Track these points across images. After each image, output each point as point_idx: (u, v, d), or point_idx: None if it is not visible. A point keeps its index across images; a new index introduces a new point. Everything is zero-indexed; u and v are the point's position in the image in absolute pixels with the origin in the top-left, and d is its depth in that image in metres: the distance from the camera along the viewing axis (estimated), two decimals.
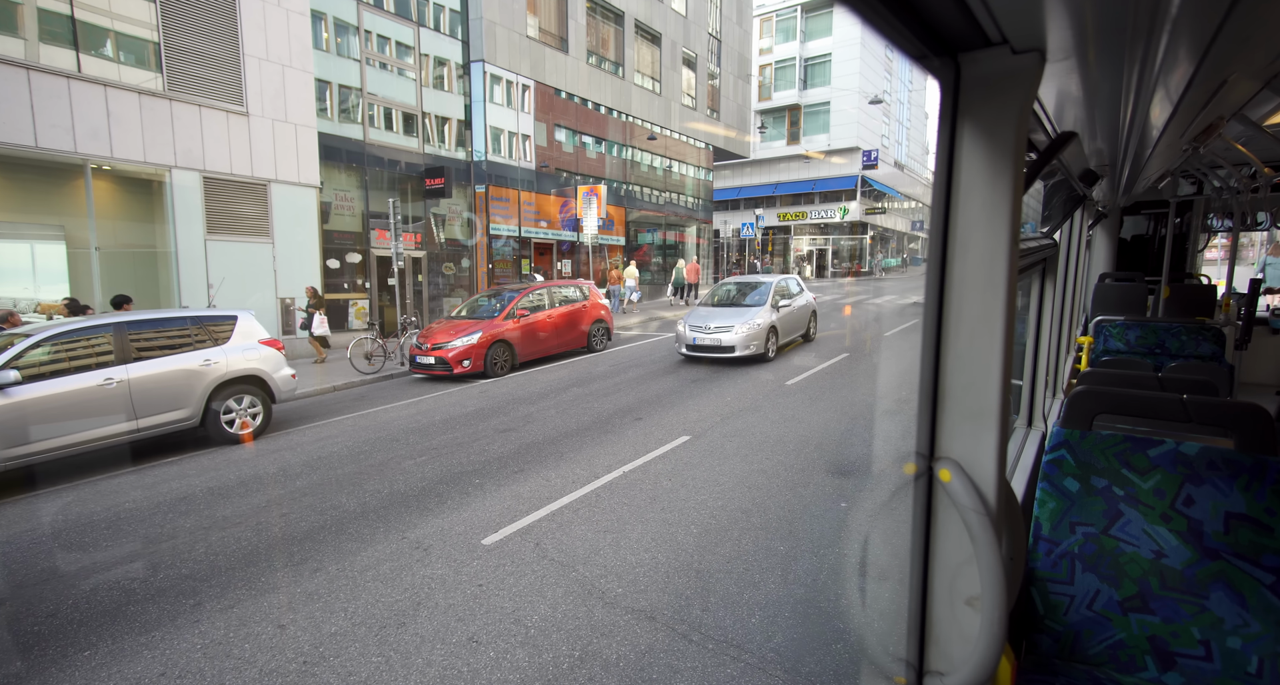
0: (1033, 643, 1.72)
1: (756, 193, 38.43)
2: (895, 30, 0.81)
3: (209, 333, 7.19)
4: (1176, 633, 1.54)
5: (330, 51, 14.68)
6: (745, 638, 3.21)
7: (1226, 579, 1.51)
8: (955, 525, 1.07)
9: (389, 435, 7.21)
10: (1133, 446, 1.68)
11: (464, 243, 17.98)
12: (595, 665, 3.03)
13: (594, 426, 7.15)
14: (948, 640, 1.10)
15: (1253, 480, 1.53)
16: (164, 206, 11.14)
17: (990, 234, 0.99)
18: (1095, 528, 1.68)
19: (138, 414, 6.42)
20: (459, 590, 3.75)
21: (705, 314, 11.08)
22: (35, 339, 5.90)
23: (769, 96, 38.43)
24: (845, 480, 5.31)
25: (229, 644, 3.31)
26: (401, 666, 3.07)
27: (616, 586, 3.74)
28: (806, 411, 7.46)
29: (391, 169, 15.98)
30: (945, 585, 1.10)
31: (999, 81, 0.96)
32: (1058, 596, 1.69)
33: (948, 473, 1.04)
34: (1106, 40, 1.03)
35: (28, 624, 3.54)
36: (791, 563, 3.95)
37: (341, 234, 14.97)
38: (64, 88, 9.59)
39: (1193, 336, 3.82)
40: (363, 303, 15.19)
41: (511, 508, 4.94)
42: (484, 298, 12.16)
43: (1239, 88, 1.76)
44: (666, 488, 5.23)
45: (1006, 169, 0.97)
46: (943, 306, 1.05)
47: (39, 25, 9.46)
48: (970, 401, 1.05)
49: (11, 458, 5.62)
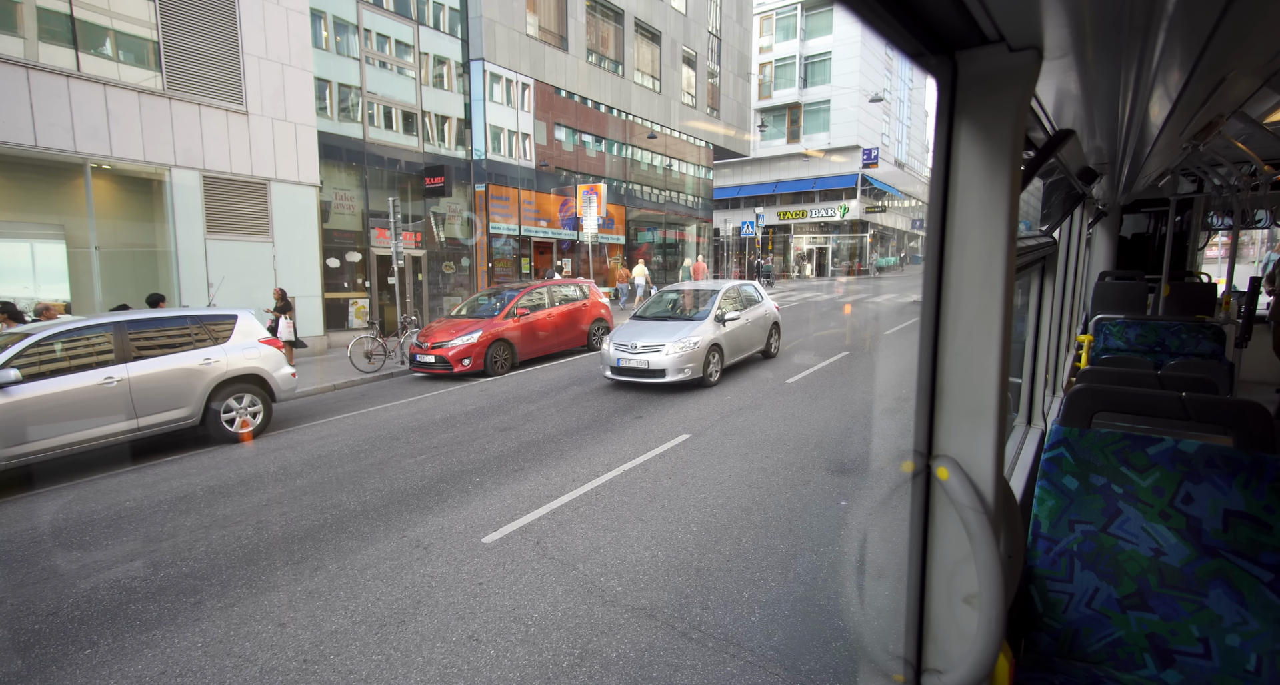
0: (1032, 641, 1.72)
1: (757, 191, 38.40)
2: (892, 28, 0.81)
3: (209, 332, 7.20)
4: (1175, 630, 1.54)
5: (330, 50, 14.67)
6: (745, 636, 3.21)
7: (1225, 577, 1.51)
8: (953, 523, 1.07)
9: (389, 434, 7.22)
10: (1132, 444, 1.68)
11: (464, 242, 17.99)
12: (595, 663, 3.04)
13: (594, 425, 7.15)
14: (946, 638, 1.11)
15: (1251, 478, 1.53)
16: (164, 205, 11.14)
17: (988, 232, 0.99)
18: (1094, 526, 1.68)
19: (138, 413, 6.42)
20: (459, 588, 3.76)
21: (635, 330, 9.22)
22: (35, 338, 5.91)
23: (769, 95, 38.38)
24: (845, 479, 5.31)
25: (229, 642, 3.31)
26: (402, 665, 3.07)
27: (616, 585, 3.74)
28: (806, 410, 7.46)
29: (391, 168, 15.97)
30: (943, 583, 1.10)
31: (996, 79, 0.96)
32: (1057, 594, 1.69)
33: (945, 471, 1.04)
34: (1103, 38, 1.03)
35: (28, 622, 3.54)
36: (791, 561, 3.95)
37: (341, 233, 14.98)
38: (63, 87, 9.59)
39: (1193, 334, 3.82)
40: (363, 301, 15.19)
41: (511, 506, 4.94)
42: (484, 296, 12.16)
43: (1238, 85, 1.76)
44: (666, 486, 5.24)
45: (1004, 167, 0.97)
46: (940, 304, 1.05)
47: (38, 24, 9.45)
48: (968, 400, 1.05)
49: (12, 457, 5.62)
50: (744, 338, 9.89)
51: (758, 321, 10.33)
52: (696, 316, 9.43)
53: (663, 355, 8.52)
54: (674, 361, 8.48)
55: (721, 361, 9.23)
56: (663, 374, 8.51)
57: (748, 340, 10.03)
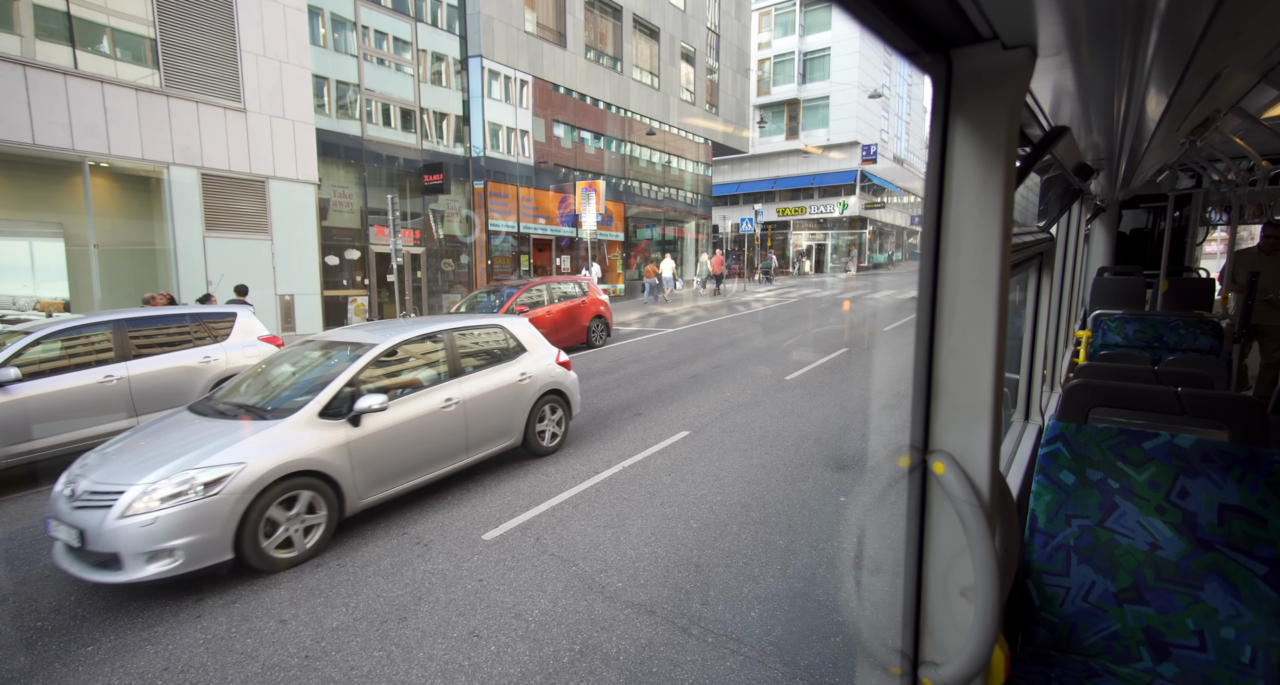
0: (1029, 634, 1.73)
1: (755, 188, 38.37)
2: (887, 27, 0.81)
3: (208, 330, 7.20)
4: (1171, 623, 1.56)
5: (327, 47, 14.63)
6: (744, 631, 3.23)
7: (1220, 570, 1.53)
8: (949, 517, 1.08)
9: None
10: (1128, 439, 1.69)
11: (462, 239, 17.97)
12: (595, 659, 3.05)
13: (593, 422, 7.16)
14: (942, 631, 1.12)
15: (1246, 472, 1.54)
16: (162, 203, 11.13)
17: (983, 228, 1.00)
18: (1090, 520, 1.69)
19: (138, 411, 6.43)
20: (459, 585, 3.77)
21: (136, 443, 4.27)
22: (35, 336, 5.91)
23: (768, 91, 38.31)
24: (843, 475, 5.33)
25: (231, 639, 3.32)
26: (403, 661, 3.09)
27: (616, 581, 3.76)
28: (805, 406, 7.47)
29: (390, 165, 15.95)
30: (940, 577, 1.11)
31: (991, 77, 0.97)
32: (1053, 588, 1.71)
33: (941, 465, 1.05)
34: (1097, 35, 1.03)
35: (31, 619, 3.55)
36: (790, 556, 3.97)
37: (340, 230, 14.96)
38: (61, 84, 9.56)
39: (1191, 330, 3.83)
40: (362, 299, 15.19)
41: (511, 503, 4.95)
42: (483, 294, 12.17)
43: (1234, 80, 1.77)
44: (666, 483, 5.25)
45: (999, 164, 0.97)
46: (936, 300, 1.06)
47: (35, 22, 9.43)
48: (964, 395, 1.05)
49: (13, 455, 5.63)
50: (436, 437, 4.97)
51: (504, 394, 5.57)
52: (279, 408, 4.42)
53: (116, 519, 3.56)
54: (144, 534, 3.54)
55: (336, 513, 4.29)
56: (115, 565, 3.56)
57: (449, 439, 5.09)
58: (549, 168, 20.28)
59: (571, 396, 6.36)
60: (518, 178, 19.21)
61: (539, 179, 19.97)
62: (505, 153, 18.84)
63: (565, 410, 6.30)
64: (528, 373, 5.87)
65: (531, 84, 19.41)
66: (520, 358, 5.94)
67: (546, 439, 6.07)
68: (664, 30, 24.88)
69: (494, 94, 18.30)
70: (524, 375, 5.83)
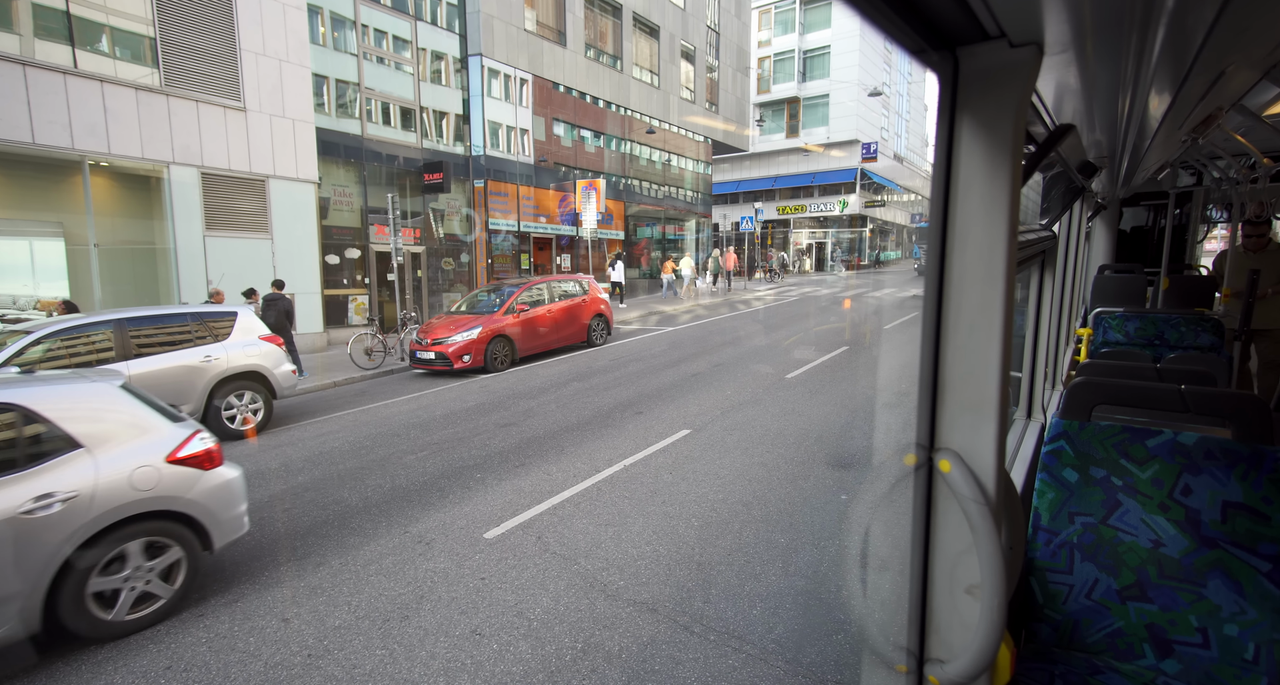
0: (1032, 632, 1.74)
1: (755, 186, 38.33)
2: (894, 25, 0.81)
3: (209, 329, 7.20)
4: (1174, 621, 1.56)
5: (327, 46, 14.61)
6: (747, 629, 3.23)
7: (1224, 567, 1.53)
8: (955, 515, 1.08)
9: (390, 430, 7.23)
10: (1131, 437, 1.69)
11: (463, 238, 17.96)
12: (598, 657, 3.06)
13: (594, 421, 7.17)
14: (948, 628, 1.12)
15: (1250, 469, 1.54)
16: (162, 203, 11.11)
17: (989, 227, 1.00)
18: (1094, 518, 1.70)
19: None
20: (461, 584, 3.78)
21: None
22: (36, 336, 5.91)
23: (768, 89, 38.26)
24: (845, 472, 5.33)
25: (234, 638, 3.33)
26: (405, 659, 3.09)
27: (618, 579, 3.76)
28: (806, 404, 7.47)
29: (390, 164, 15.93)
30: (945, 574, 1.11)
31: (997, 75, 0.97)
32: (1057, 586, 1.71)
33: (947, 463, 1.05)
34: (1104, 33, 1.03)
35: None
36: (792, 554, 3.97)
37: (340, 229, 14.94)
38: (60, 83, 9.55)
39: (1192, 327, 3.83)
40: (362, 298, 15.17)
41: (513, 502, 4.95)
42: (484, 293, 12.17)
43: (1237, 78, 1.77)
44: (667, 481, 5.25)
45: (1005, 162, 0.97)
46: (942, 298, 1.06)
47: (34, 20, 9.41)
48: (969, 393, 1.06)
49: None
50: None
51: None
52: None
53: None
54: None
55: None
56: None
57: None
58: (549, 166, 20.26)
59: (208, 518, 3.65)
60: (518, 176, 19.19)
61: (539, 178, 19.95)
62: (505, 151, 18.81)
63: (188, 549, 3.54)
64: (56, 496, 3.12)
65: (531, 82, 19.38)
66: (56, 463, 3.21)
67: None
68: (664, 28, 24.83)
69: (494, 92, 18.28)
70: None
